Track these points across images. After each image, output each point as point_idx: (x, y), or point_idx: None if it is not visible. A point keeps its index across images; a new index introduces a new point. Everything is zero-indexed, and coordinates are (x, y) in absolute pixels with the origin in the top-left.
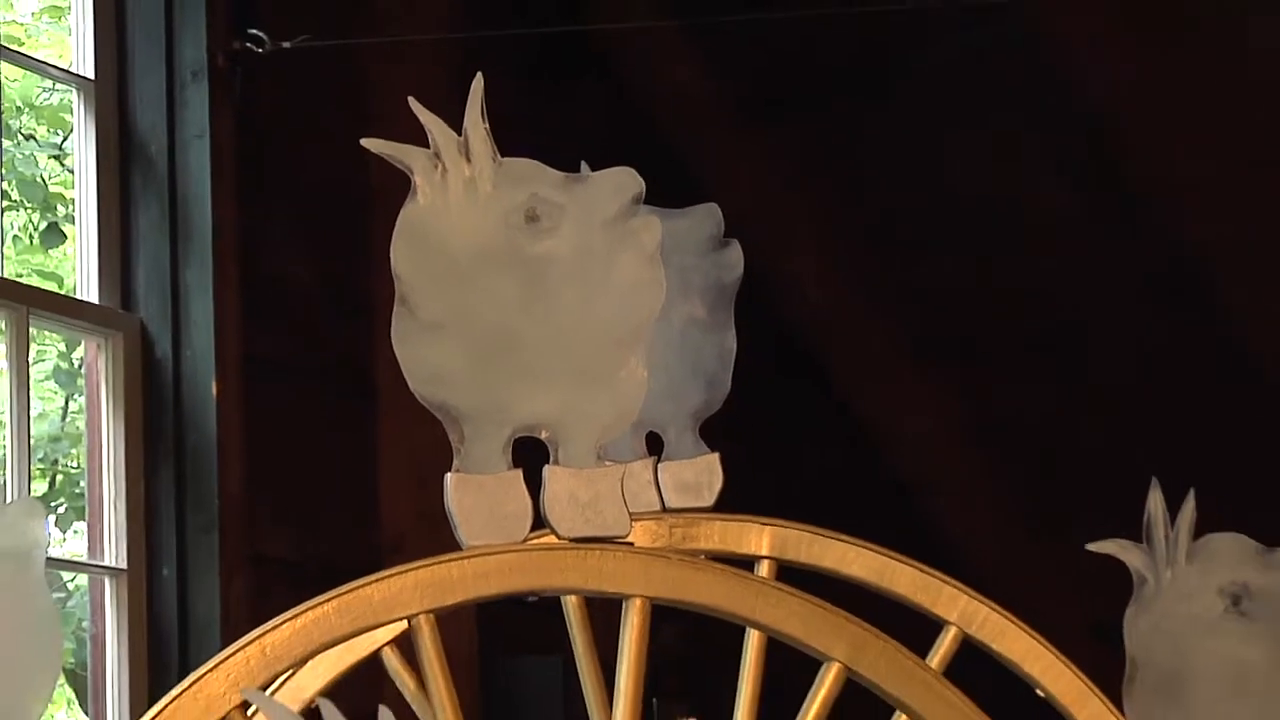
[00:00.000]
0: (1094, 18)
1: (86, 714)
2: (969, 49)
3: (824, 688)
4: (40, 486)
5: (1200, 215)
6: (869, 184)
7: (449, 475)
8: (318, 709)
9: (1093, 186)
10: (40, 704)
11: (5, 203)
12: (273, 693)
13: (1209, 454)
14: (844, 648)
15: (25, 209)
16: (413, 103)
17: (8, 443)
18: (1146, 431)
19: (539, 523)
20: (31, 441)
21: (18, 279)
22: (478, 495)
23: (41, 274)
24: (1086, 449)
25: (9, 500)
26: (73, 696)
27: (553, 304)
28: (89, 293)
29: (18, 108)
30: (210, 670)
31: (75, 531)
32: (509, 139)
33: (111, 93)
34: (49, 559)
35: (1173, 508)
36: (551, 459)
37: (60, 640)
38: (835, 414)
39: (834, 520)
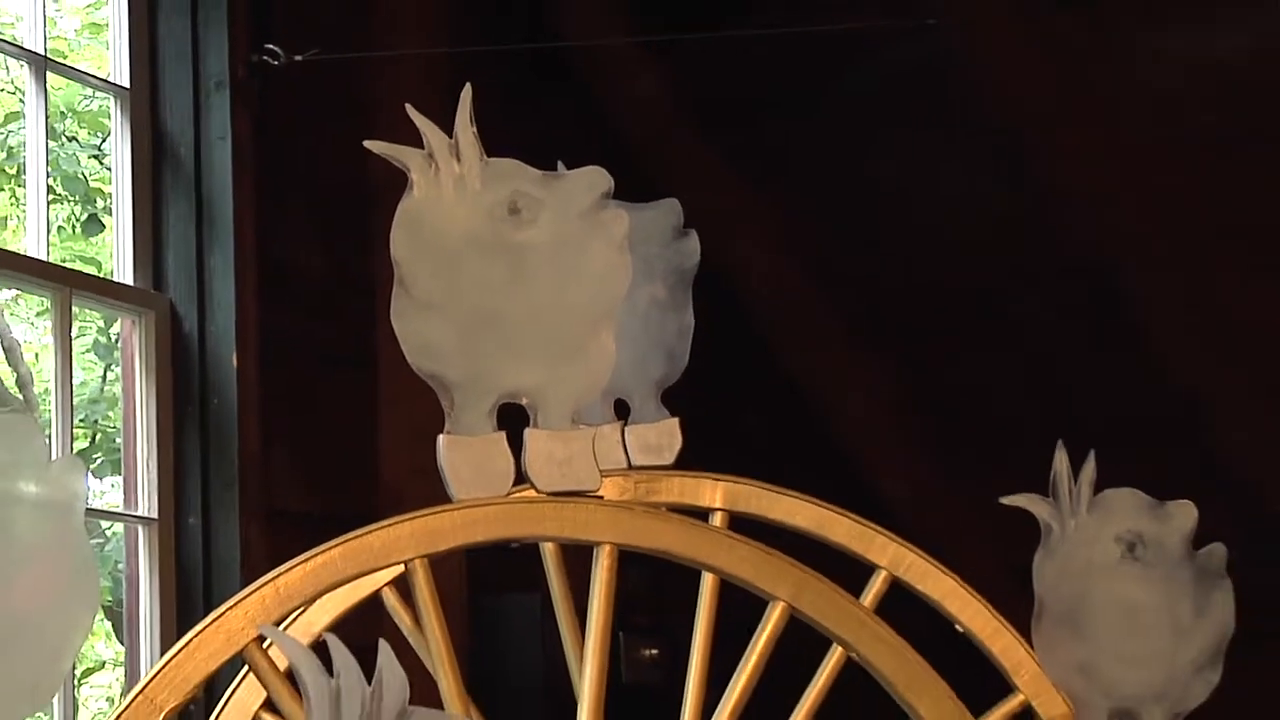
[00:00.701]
0: (1009, 37)
1: (122, 644)
2: (900, 64)
3: (770, 624)
4: (81, 444)
5: (1101, 212)
6: (811, 183)
7: (441, 437)
8: (325, 642)
9: (1007, 186)
10: (81, 636)
11: (50, 196)
12: (285, 628)
13: (1107, 422)
14: (788, 588)
15: (69, 202)
16: (410, 110)
17: (52, 406)
18: (1054, 403)
19: (520, 478)
20: (74, 405)
21: (62, 263)
22: (466, 454)
23: (83, 259)
24: (1002, 417)
25: (53, 458)
26: (110, 630)
27: (532, 286)
28: (124, 275)
29: (62, 113)
30: (231, 608)
31: (112, 485)
32: (493, 141)
33: (145, 100)
34: (88, 509)
35: (1076, 467)
36: (531, 423)
37: (98, 581)
38: (781, 386)
39: (780, 478)
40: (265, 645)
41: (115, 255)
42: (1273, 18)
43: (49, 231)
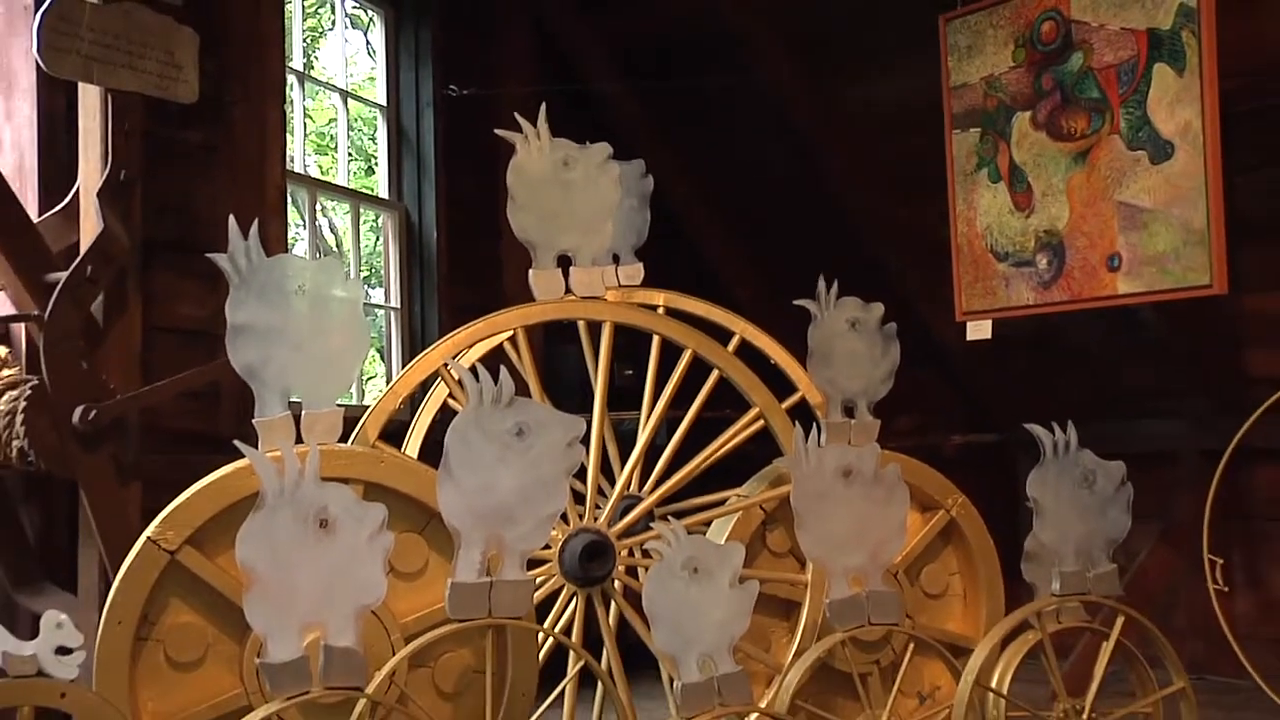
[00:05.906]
0: (794, 88)
1: (383, 364)
2: (749, 98)
3: (684, 360)
4: (364, 274)
5: (840, 174)
6: (707, 155)
7: (530, 270)
8: (474, 367)
9: (794, 159)
10: (362, 359)
11: (349, 158)
12: (457, 359)
13: (844, 268)
14: (694, 342)
15: (358, 160)
16: (517, 116)
17: (350, 257)
18: (818, 260)
19: (568, 290)
20: (360, 254)
21: (356, 189)
22: (542, 279)
23: (365, 186)
24: (797, 264)
25: (350, 278)
26: (378, 356)
27: (574, 199)
28: (384, 194)
29: (356, 118)
30: (431, 350)
31: (378, 292)
32: (555, 131)
33: (394, 112)
34: (366, 304)
35: (829, 286)
36: (573, 264)
37: (369, 336)
38: (690, 248)
39: (690, 291)
40: (448, 368)
41: (380, 185)
42: (917, 74)
43: (349, 174)
